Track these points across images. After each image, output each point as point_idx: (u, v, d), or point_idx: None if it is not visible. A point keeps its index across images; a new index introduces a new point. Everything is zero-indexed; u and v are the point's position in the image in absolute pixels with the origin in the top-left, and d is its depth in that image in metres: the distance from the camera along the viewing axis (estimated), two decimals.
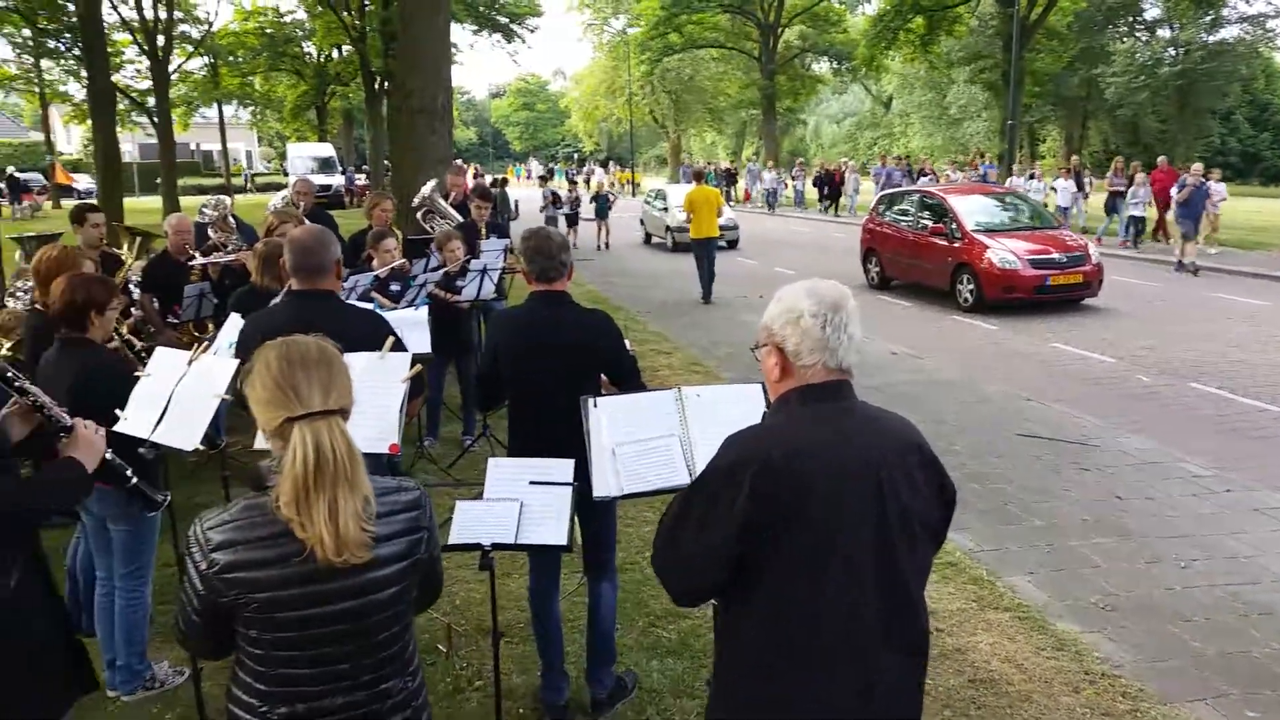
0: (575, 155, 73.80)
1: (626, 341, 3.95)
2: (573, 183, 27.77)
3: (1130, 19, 43.64)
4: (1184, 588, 4.88)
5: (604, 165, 56.38)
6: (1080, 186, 22.91)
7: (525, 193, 32.30)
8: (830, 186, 32.66)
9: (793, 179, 36.83)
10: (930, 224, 14.56)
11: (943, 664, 4.11)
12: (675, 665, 4.13)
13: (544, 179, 28.84)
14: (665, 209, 22.35)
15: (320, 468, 1.81)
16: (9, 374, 2.61)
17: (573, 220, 23.25)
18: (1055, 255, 13.21)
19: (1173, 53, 42.23)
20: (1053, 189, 22.98)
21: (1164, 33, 43.55)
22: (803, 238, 25.37)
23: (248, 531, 1.86)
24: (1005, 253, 13.11)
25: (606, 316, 3.76)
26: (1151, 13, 43.23)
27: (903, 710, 2.02)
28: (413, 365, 3.53)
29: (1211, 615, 4.59)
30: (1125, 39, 44.19)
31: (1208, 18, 39.12)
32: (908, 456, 2.01)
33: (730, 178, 41.03)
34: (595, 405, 3.25)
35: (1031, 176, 24.06)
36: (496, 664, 3.36)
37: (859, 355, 2.04)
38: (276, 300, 4.66)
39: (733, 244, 22.08)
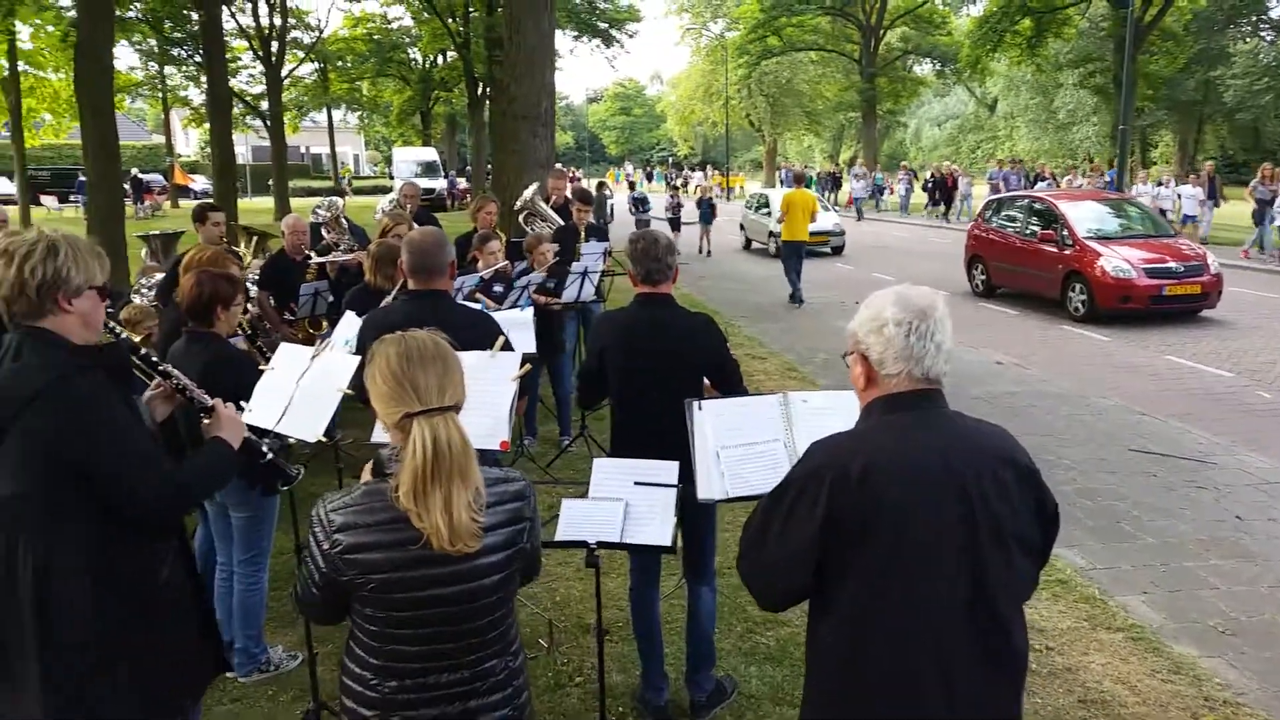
0: (670, 159, 73.96)
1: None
2: (675, 188, 27.37)
3: (1254, 18, 41.66)
4: None
5: (701, 169, 56.36)
6: (1213, 194, 21.59)
7: (622, 197, 32.50)
8: (942, 191, 31.56)
9: (898, 182, 35.82)
10: (1040, 230, 14.05)
11: (1052, 683, 3.99)
12: (774, 672, 4.11)
13: (633, 185, 28.97)
14: (769, 213, 21.61)
15: (438, 461, 1.89)
16: (152, 358, 2.75)
17: (675, 225, 22.76)
18: (1172, 264, 12.65)
19: None
20: (1178, 196, 21.93)
21: None
22: (903, 243, 24.90)
23: (368, 515, 1.96)
24: (1119, 261, 12.61)
25: (710, 320, 3.77)
26: (1277, 11, 41.22)
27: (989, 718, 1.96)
28: (522, 365, 3.61)
29: None
30: (1248, 39, 42.19)
31: None
32: (1000, 469, 1.94)
33: (835, 182, 40.09)
34: (700, 408, 3.26)
35: (1160, 183, 22.98)
36: (601, 661, 3.39)
37: (949, 364, 1.99)
38: (388, 300, 4.82)
39: (838, 250, 21.65)
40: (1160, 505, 6.11)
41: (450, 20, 33.92)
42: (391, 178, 42.59)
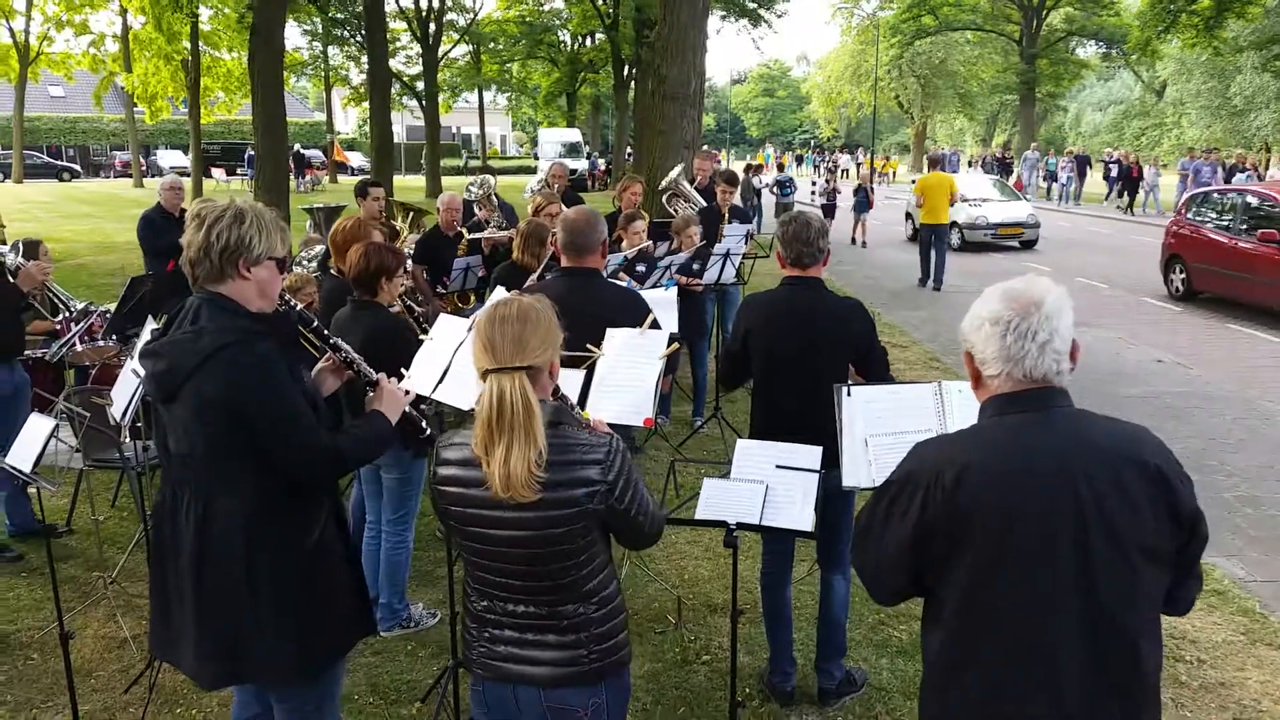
0: (812, 141, 72.75)
1: None
2: (830, 171, 25.77)
3: None
4: None
5: (849, 151, 55.12)
6: None
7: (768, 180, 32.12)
8: (1126, 180, 28.38)
9: (1061, 169, 32.46)
10: (1261, 229, 11.98)
11: (1204, 697, 3.82)
12: (906, 666, 4.07)
13: (781, 167, 28.03)
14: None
15: (500, 415, 2.05)
16: (324, 331, 2.90)
17: (829, 211, 21.04)
18: None
19: None
20: None
21: None
22: (1095, 237, 23.47)
23: (460, 453, 2.18)
24: None
25: (860, 305, 3.73)
26: None
27: None
28: (669, 343, 3.67)
29: None
30: None
31: None
32: (1123, 472, 1.81)
33: (1004, 167, 36.90)
34: (849, 394, 3.23)
35: None
36: (734, 642, 3.43)
37: (1063, 362, 1.88)
38: (533, 278, 4.97)
39: (1029, 244, 19.29)
40: None
41: (600, 2, 34.26)
42: (536, 158, 43.46)
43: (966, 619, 1.88)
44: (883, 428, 3.18)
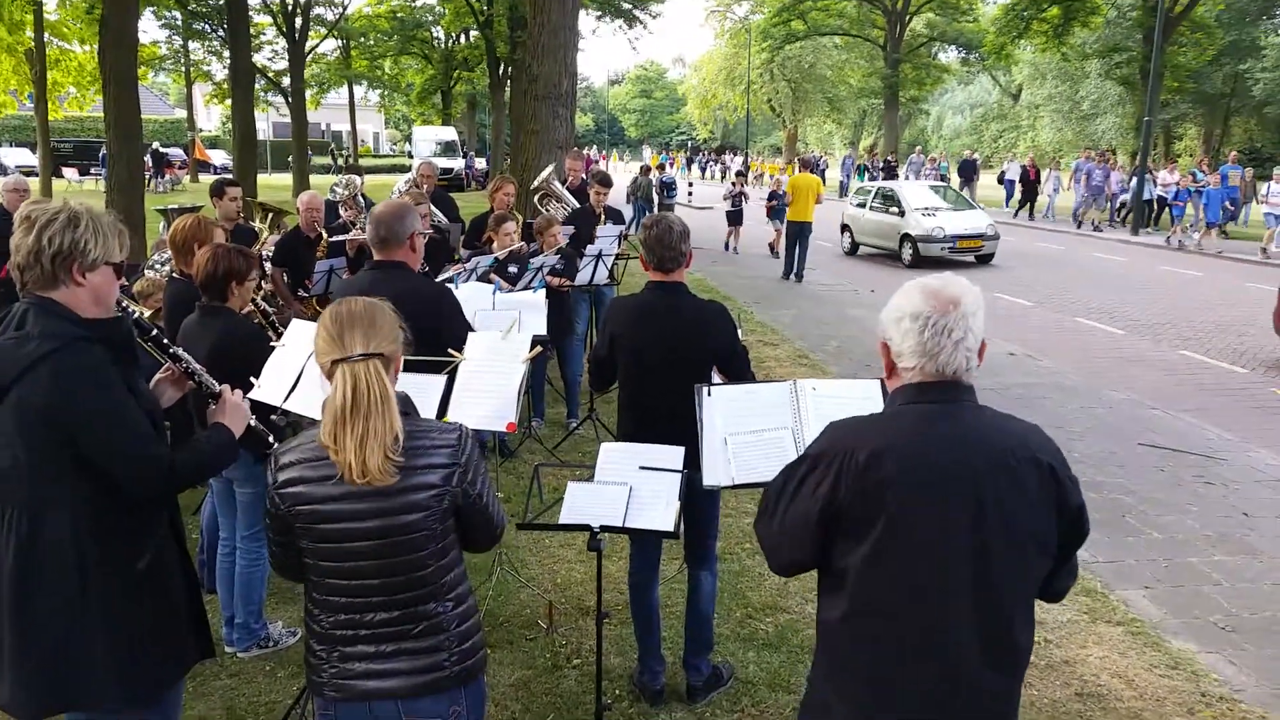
0: (688, 143, 73.61)
1: (739, 333, 3.98)
2: (740, 174, 23.71)
3: None
4: None
5: (721, 153, 55.91)
6: None
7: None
8: (1026, 185, 27.92)
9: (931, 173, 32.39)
10: None
11: (1050, 675, 4.02)
12: (772, 658, 4.15)
13: (661, 168, 26.92)
14: (901, 212, 17.83)
15: (355, 403, 2.04)
16: (164, 340, 2.76)
17: (736, 218, 19.69)
18: None
19: None
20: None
21: None
22: (1045, 254, 24.20)
23: (304, 453, 2.15)
24: None
25: (722, 308, 3.79)
26: None
27: (994, 714, 1.97)
28: (532, 347, 3.65)
29: None
30: None
31: None
32: (1021, 466, 1.93)
33: (890, 171, 35.14)
34: (709, 394, 3.29)
35: None
36: (599, 644, 3.44)
37: (973, 360, 1.97)
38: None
39: (985, 259, 17.55)
40: (1167, 500, 6.10)
41: None
42: (410, 156, 42.60)
43: (867, 594, 1.95)
44: (742, 426, 3.24)
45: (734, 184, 20.92)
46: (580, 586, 4.81)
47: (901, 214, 17.83)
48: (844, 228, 19.72)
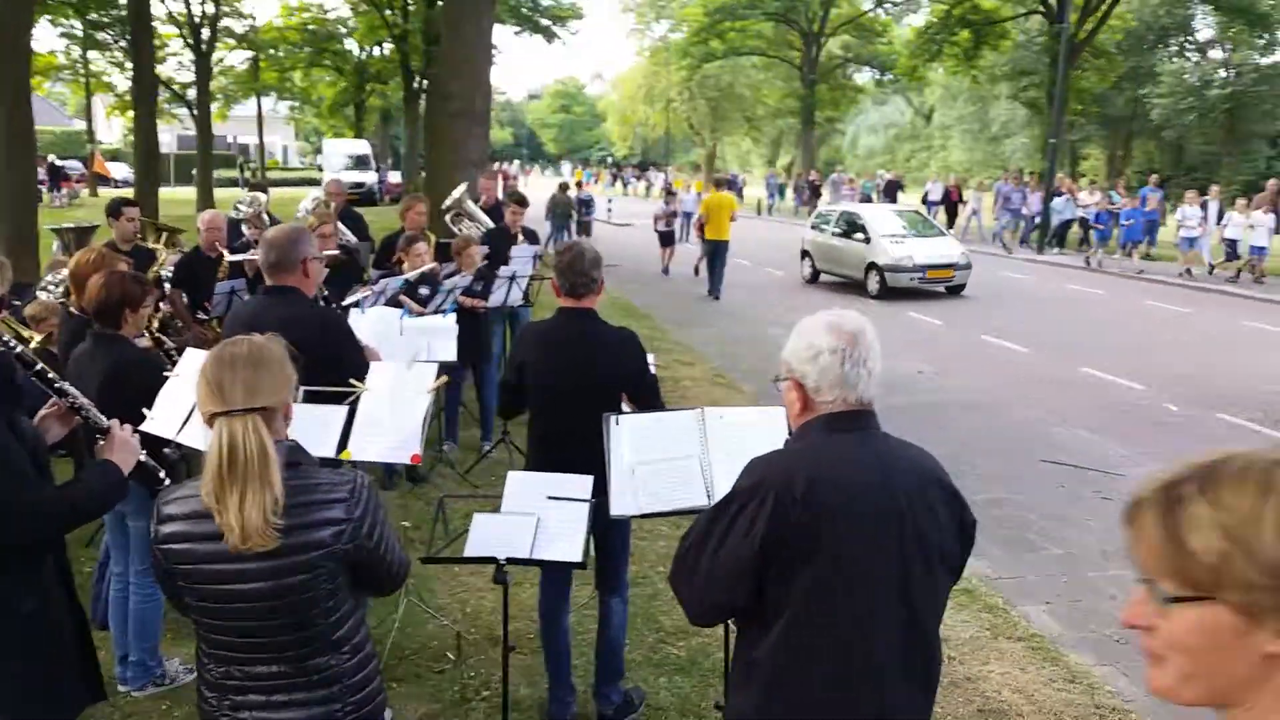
0: (608, 159, 73.92)
1: (651, 357, 3.98)
2: (669, 193, 23.38)
3: (1182, 39, 43.09)
4: None
5: (643, 169, 56.17)
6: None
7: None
8: (948, 206, 27.37)
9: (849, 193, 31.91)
10: None
11: (953, 692, 4.10)
12: (683, 683, 4.14)
13: (579, 184, 25.98)
14: (866, 239, 16.49)
15: (232, 462, 1.95)
16: (49, 375, 2.65)
17: (668, 239, 19.35)
18: None
19: (1223, 74, 41.61)
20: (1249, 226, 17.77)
21: (1215, 54, 42.94)
22: (1013, 284, 24.03)
23: (186, 507, 2.06)
24: None
25: (632, 335, 3.79)
26: (1204, 34, 42.68)
27: None
28: (439, 375, 3.59)
29: None
30: (1175, 59, 43.59)
31: (1262, 40, 38.47)
32: (929, 489, 2.02)
33: (814, 191, 35.14)
34: (617, 423, 3.29)
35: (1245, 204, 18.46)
36: (505, 675, 3.39)
37: (878, 388, 2.05)
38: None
39: (956, 290, 16.51)
40: (1067, 516, 6.30)
41: (388, 12, 33.44)
42: (321, 170, 41.83)
43: (802, 623, 1.96)
44: (650, 455, 3.23)
45: (665, 203, 20.80)
46: (491, 616, 4.74)
47: (867, 240, 16.53)
48: (804, 254, 18.22)
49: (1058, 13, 27.96)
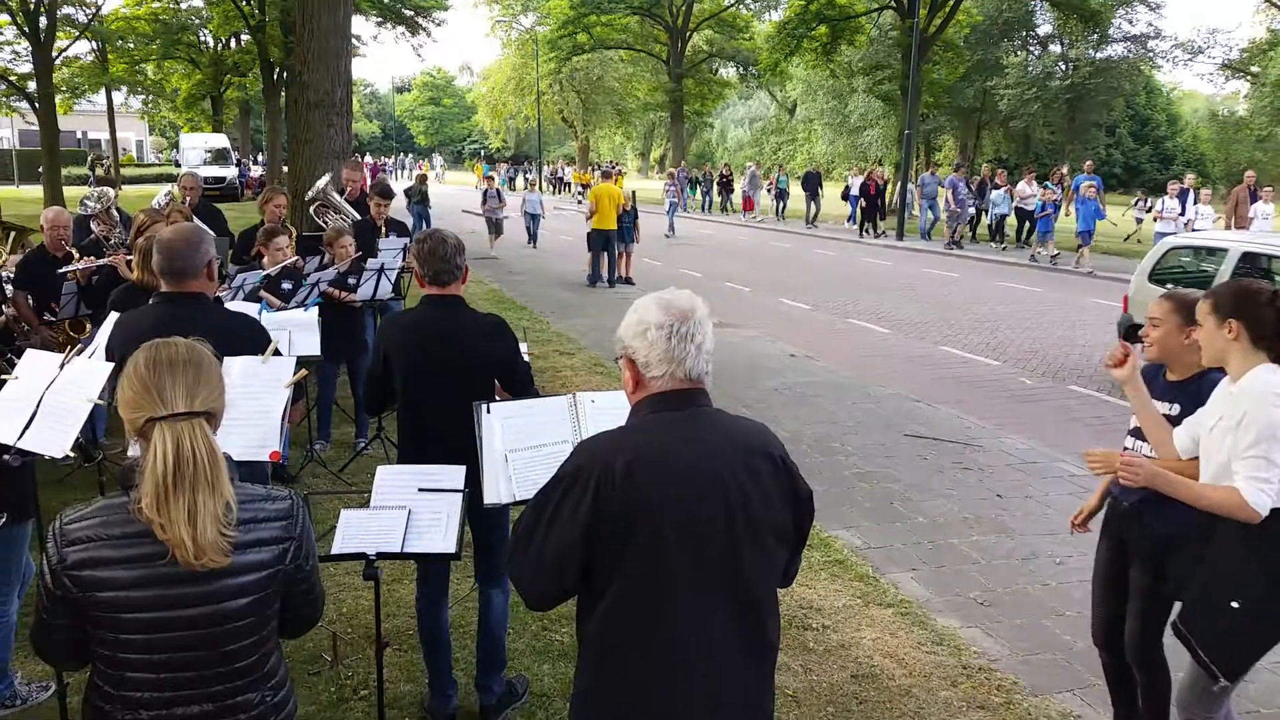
0: (481, 152, 72.98)
1: (523, 347, 3.95)
2: (581, 189, 23.33)
3: (1024, 34, 45.34)
4: (1059, 583, 5.11)
5: (517, 162, 55.62)
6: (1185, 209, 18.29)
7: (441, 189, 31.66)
8: (867, 200, 26.01)
9: (767, 188, 31.93)
10: None
11: (827, 660, 4.22)
12: (567, 669, 4.13)
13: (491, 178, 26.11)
14: None
15: (180, 469, 1.82)
16: None
17: (497, 227, 20.51)
18: None
19: (1063, 67, 44.07)
20: (1154, 215, 18.06)
21: (1055, 48, 45.41)
22: (950, 286, 24.79)
23: (103, 529, 1.86)
24: None
25: (502, 322, 3.75)
26: (1044, 29, 45.05)
27: (749, 706, 2.06)
28: (298, 369, 3.47)
29: (1083, 610, 4.72)
30: (1018, 53, 45.86)
31: (1094, 35, 40.89)
32: (758, 463, 2.04)
33: (726, 185, 34.24)
34: (489, 411, 3.25)
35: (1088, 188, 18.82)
36: (380, 673, 3.32)
37: (711, 365, 2.07)
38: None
39: None
40: (930, 486, 6.57)
41: (244, 2, 32.10)
42: (178, 165, 39.94)
43: (630, 603, 1.96)
44: (522, 442, 3.21)
45: (578, 199, 20.81)
46: (368, 615, 4.58)
47: None
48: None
49: (909, 8, 29.07)
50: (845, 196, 27.97)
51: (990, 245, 23.08)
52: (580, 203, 20.73)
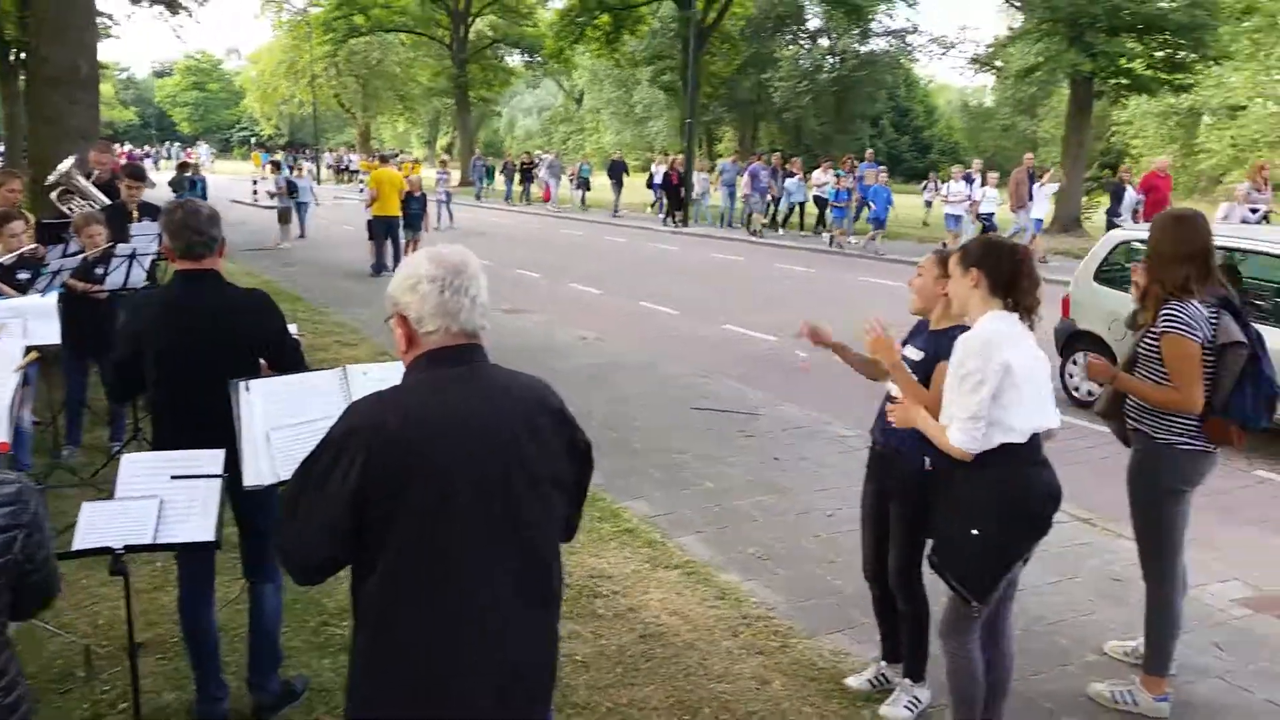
0: (252, 140, 69.11)
1: (292, 328, 3.75)
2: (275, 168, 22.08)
3: (795, 28, 47.61)
4: (830, 534, 5.41)
5: (294, 150, 52.99)
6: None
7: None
8: (670, 190, 25.87)
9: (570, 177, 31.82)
10: None
11: (617, 624, 4.29)
12: (349, 662, 3.98)
13: (277, 165, 24.69)
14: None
15: None
16: None
17: (284, 216, 19.37)
18: None
19: (831, 61, 46.61)
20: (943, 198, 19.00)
21: (823, 42, 47.96)
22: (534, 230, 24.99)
23: None
24: None
25: (265, 296, 3.55)
26: (813, 22, 47.49)
27: (534, 656, 2.06)
28: (28, 352, 3.16)
29: (851, 556, 5.01)
30: (790, 46, 48.12)
31: (858, 30, 43.47)
32: (536, 417, 2.05)
33: (526, 173, 33.13)
34: (248, 389, 3.07)
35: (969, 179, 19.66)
36: (135, 678, 3.09)
37: (486, 319, 2.06)
38: None
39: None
40: (715, 454, 6.80)
41: None
42: None
43: (409, 564, 1.91)
44: (287, 419, 3.06)
45: (360, 186, 19.92)
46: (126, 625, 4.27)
47: None
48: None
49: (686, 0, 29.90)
50: (650, 185, 28.14)
51: (795, 233, 23.72)
52: (362, 191, 19.88)
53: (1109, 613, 4.24)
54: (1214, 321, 3.61)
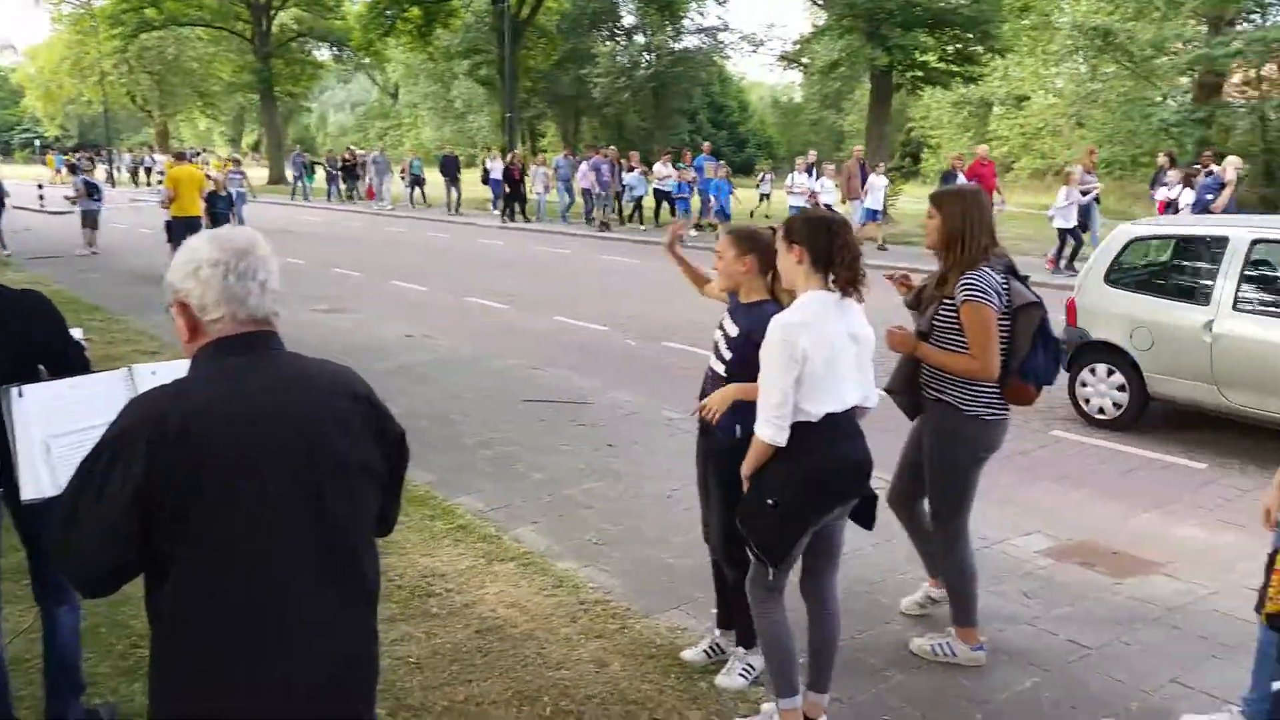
0: (37, 142, 63.74)
1: (76, 332, 3.44)
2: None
3: (611, 24, 47.93)
4: (664, 516, 5.46)
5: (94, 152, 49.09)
6: None
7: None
8: (511, 185, 25.03)
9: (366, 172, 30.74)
10: None
11: (452, 621, 4.17)
12: None
13: (74, 168, 22.98)
14: None
15: None
16: None
17: (88, 220, 18.20)
18: None
19: (647, 58, 47.19)
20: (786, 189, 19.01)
21: (639, 38, 48.49)
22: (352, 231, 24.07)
23: None
24: None
25: (42, 297, 3.25)
26: (628, 20, 47.94)
27: (353, 648, 1.96)
28: None
29: (685, 535, 5.11)
30: (608, 42, 48.43)
31: (671, 28, 44.22)
32: (339, 403, 1.95)
33: (347, 170, 32.39)
34: (19, 395, 2.78)
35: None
36: None
37: (279, 304, 1.94)
38: None
39: None
40: (547, 445, 6.75)
41: None
42: None
43: (201, 566, 1.78)
44: (68, 426, 2.78)
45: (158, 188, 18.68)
46: None
47: None
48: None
49: None
50: (485, 180, 27.23)
51: (637, 227, 23.44)
52: (159, 192, 18.66)
53: (921, 571, 4.46)
54: (1005, 287, 3.85)
